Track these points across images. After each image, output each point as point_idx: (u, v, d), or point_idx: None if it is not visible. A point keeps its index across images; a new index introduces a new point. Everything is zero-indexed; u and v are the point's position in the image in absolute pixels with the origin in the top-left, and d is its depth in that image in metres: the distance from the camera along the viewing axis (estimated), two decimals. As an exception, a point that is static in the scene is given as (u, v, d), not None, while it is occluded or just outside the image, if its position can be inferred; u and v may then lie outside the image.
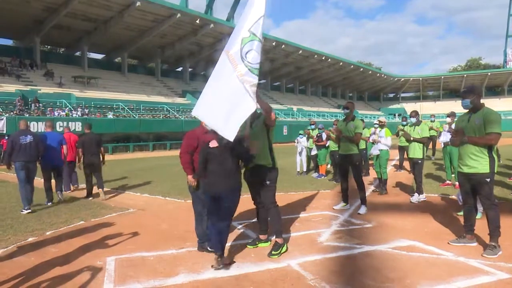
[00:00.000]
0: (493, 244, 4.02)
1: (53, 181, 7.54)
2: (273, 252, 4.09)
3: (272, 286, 3.35)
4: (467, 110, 4.34)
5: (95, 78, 32.88)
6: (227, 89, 3.76)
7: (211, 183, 3.85)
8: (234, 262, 3.91)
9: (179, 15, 32.21)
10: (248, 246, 4.39)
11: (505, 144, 4.58)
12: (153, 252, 4.31)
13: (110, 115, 26.00)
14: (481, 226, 4.43)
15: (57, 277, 3.61)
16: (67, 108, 24.54)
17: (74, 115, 23.75)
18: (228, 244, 4.53)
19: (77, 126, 22.25)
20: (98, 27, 32.16)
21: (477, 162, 4.12)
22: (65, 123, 21.52)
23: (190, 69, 45.60)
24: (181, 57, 42.51)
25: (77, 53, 36.66)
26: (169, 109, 31.43)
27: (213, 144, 3.87)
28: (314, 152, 10.74)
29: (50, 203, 7.22)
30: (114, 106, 28.13)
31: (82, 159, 7.96)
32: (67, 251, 4.34)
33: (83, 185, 8.47)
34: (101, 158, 8.10)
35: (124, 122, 25.52)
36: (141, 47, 37.30)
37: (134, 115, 27.44)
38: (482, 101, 4.30)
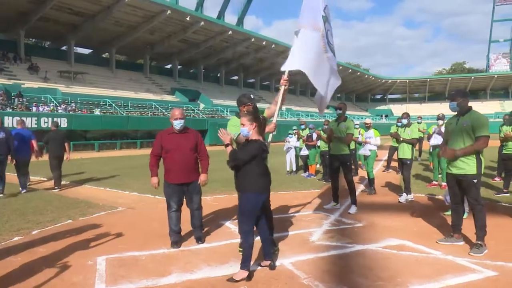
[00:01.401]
0: (479, 243, 4.13)
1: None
2: (275, 248, 4.18)
3: (266, 285, 3.36)
4: (455, 113, 4.45)
5: (82, 74, 32.36)
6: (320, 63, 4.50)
7: (266, 184, 3.64)
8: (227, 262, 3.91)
9: (169, 11, 31.97)
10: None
11: (488, 146, 4.70)
12: (145, 251, 4.27)
13: (97, 112, 25.63)
14: (467, 225, 4.54)
15: (45, 277, 3.54)
16: (52, 104, 24.09)
17: (59, 111, 23.33)
18: (221, 243, 4.56)
19: (63, 123, 21.86)
20: (85, 21, 31.62)
21: (465, 164, 4.22)
22: (50, 119, 21.19)
23: (179, 67, 45.32)
24: (170, 54, 42.21)
25: (63, 48, 36.03)
26: (157, 106, 31.16)
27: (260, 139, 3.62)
28: (304, 152, 10.80)
29: (25, 190, 8.13)
30: (101, 103, 27.76)
31: (41, 151, 8.80)
32: (55, 251, 4.26)
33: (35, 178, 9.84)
34: (66, 153, 8.90)
35: (111, 119, 25.17)
36: (130, 43, 36.91)
37: (122, 112, 27.12)
38: None
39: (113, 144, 25.19)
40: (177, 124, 4.44)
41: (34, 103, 23.16)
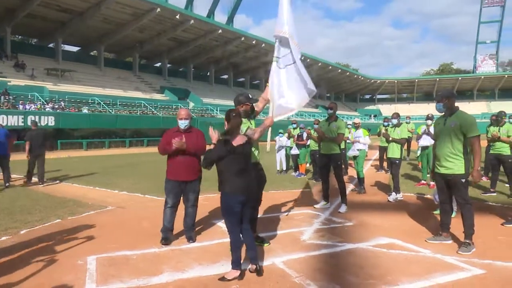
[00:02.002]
0: (467, 241, 4.20)
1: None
2: (264, 242, 4.24)
3: (258, 284, 3.36)
4: (442, 114, 4.53)
5: (69, 71, 31.87)
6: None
7: (243, 184, 3.50)
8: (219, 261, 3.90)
9: (158, 9, 31.73)
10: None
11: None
12: (135, 250, 4.24)
13: (85, 110, 25.31)
14: (455, 224, 4.61)
15: (36, 277, 3.49)
16: (39, 102, 23.70)
17: (47, 109, 22.96)
18: (213, 242, 4.55)
19: (50, 121, 21.56)
20: (73, 18, 31.17)
21: (453, 164, 4.29)
22: (37, 117, 20.83)
23: (169, 65, 44.99)
24: (160, 53, 41.90)
25: (51, 45, 35.45)
26: (146, 105, 30.89)
27: (238, 142, 3.55)
28: (294, 151, 10.84)
29: (8, 184, 8.62)
30: (90, 101, 27.41)
31: (28, 150, 9.07)
32: (44, 251, 4.21)
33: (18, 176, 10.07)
34: (45, 151, 9.41)
35: (99, 118, 24.90)
36: (119, 41, 36.54)
37: (110, 111, 26.82)
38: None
39: (101, 142, 24.92)
40: (182, 124, 4.54)
41: (20, 101, 22.74)
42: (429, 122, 8.74)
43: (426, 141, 8.43)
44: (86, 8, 30.01)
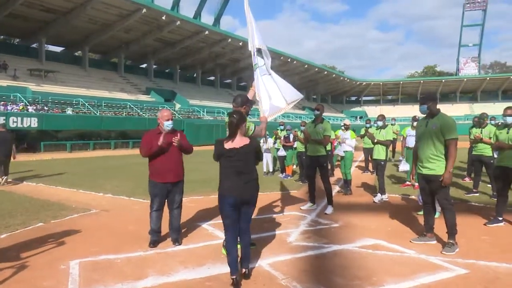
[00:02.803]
0: (451, 241, 4.27)
1: None
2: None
3: (244, 286, 3.35)
4: (425, 115, 4.61)
5: (53, 72, 31.28)
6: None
7: (231, 187, 3.46)
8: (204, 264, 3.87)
9: (144, 10, 31.44)
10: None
11: (458, 147, 4.89)
12: (120, 254, 4.17)
13: (69, 111, 24.86)
14: (439, 224, 4.67)
15: (16, 282, 3.40)
16: (22, 103, 23.19)
17: (30, 110, 22.47)
18: (198, 245, 4.51)
19: (33, 122, 21.11)
20: (57, 18, 30.62)
21: (435, 165, 4.36)
22: (19, 119, 20.40)
23: (154, 66, 44.62)
24: (146, 54, 41.51)
25: (34, 45, 34.75)
26: (132, 106, 30.54)
27: (234, 144, 3.50)
28: (281, 153, 10.86)
29: None
30: (74, 102, 26.94)
31: None
32: (26, 255, 4.10)
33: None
34: (13, 153, 9.64)
35: (84, 119, 24.47)
36: (104, 42, 36.06)
37: (95, 112, 26.43)
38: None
39: (86, 144, 24.51)
40: (169, 125, 4.49)
41: (2, 102, 22.21)
42: (415, 123, 8.89)
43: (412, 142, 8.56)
44: (70, 8, 29.52)
